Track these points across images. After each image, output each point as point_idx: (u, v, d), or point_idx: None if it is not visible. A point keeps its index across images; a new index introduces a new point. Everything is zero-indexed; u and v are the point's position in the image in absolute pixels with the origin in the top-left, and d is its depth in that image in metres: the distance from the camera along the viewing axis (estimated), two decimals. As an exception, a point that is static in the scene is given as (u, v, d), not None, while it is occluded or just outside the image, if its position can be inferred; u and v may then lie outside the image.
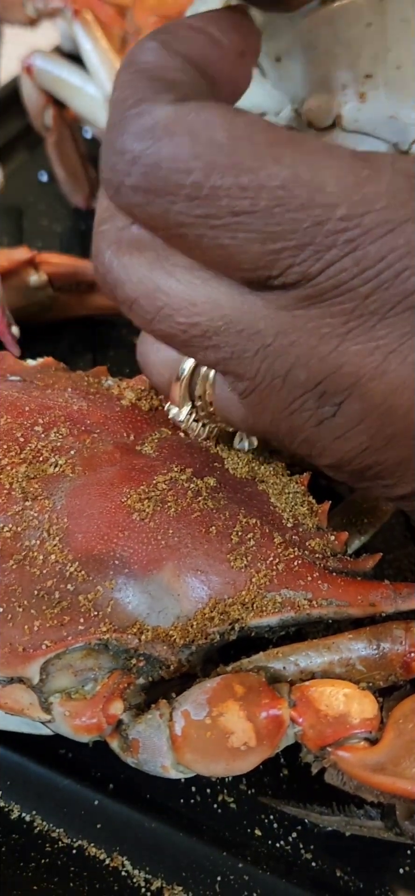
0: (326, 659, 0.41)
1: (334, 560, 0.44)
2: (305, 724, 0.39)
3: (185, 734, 0.39)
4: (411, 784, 0.38)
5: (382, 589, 0.42)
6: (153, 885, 0.43)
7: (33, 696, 0.40)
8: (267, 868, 0.43)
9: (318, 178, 0.33)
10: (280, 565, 0.42)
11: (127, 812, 0.44)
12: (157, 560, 0.41)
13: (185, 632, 0.41)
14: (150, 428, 0.48)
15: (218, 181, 0.34)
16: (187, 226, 0.35)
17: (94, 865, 0.43)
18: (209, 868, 0.43)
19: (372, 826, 0.42)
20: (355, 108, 0.44)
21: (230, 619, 0.41)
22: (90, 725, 0.40)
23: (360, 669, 0.41)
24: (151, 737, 0.40)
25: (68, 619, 0.40)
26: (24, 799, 0.45)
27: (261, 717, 0.39)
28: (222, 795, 0.46)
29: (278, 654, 0.41)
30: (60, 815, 0.44)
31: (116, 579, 0.41)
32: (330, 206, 0.33)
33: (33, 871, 0.42)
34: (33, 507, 0.42)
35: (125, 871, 0.43)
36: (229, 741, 0.38)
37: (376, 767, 0.38)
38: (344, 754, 0.39)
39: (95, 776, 0.45)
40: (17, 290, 0.63)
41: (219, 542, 0.42)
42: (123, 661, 0.41)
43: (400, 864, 0.44)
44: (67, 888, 0.42)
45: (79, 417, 0.47)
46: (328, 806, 0.43)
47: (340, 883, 0.43)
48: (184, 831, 0.44)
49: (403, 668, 0.41)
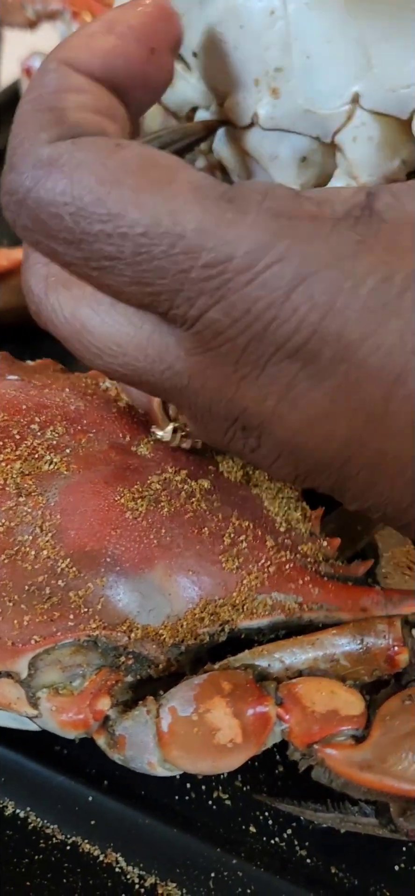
0: (310, 655, 0.41)
1: (325, 565, 0.44)
2: (291, 721, 0.39)
3: (171, 731, 0.39)
4: (397, 781, 0.38)
5: (372, 594, 0.43)
6: (147, 881, 0.43)
7: (21, 690, 0.41)
8: (261, 865, 0.43)
9: (179, 226, 0.32)
10: (272, 568, 0.42)
11: (121, 808, 0.44)
12: (148, 559, 0.42)
13: (174, 631, 0.41)
14: (145, 429, 0.48)
15: (86, 227, 0.33)
16: (75, 266, 0.35)
17: (88, 862, 0.43)
18: (203, 864, 0.43)
19: (367, 823, 0.41)
20: (271, 105, 0.42)
21: (220, 620, 0.41)
22: (76, 721, 0.40)
23: (344, 665, 0.41)
24: (138, 733, 0.40)
25: (58, 615, 0.40)
26: (18, 795, 0.45)
27: (247, 714, 0.39)
28: (217, 792, 0.46)
29: (264, 652, 0.41)
30: (55, 811, 0.44)
31: (107, 577, 0.41)
32: (192, 253, 0.32)
33: (27, 868, 0.43)
34: (27, 503, 0.43)
35: (119, 867, 0.43)
36: (216, 738, 0.39)
37: (362, 765, 0.38)
38: (331, 751, 0.39)
39: (90, 773, 0.45)
40: (16, 290, 0.63)
41: (211, 543, 0.42)
42: (112, 659, 0.41)
43: (395, 861, 0.44)
44: (61, 884, 0.42)
45: (75, 417, 0.47)
46: (323, 803, 0.43)
47: (334, 880, 0.43)
48: (178, 828, 0.44)
49: (387, 662, 0.41)
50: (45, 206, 0.34)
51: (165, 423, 0.42)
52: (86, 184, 0.33)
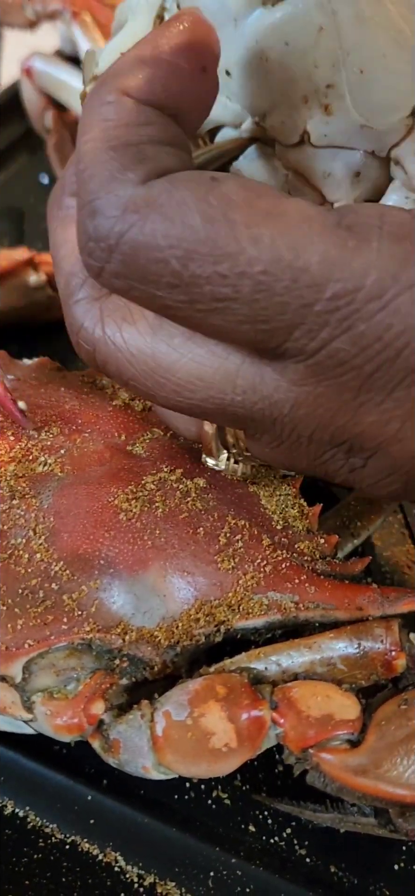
0: (307, 658, 0.41)
1: (322, 563, 0.44)
2: (286, 725, 0.39)
3: (166, 735, 0.39)
4: (391, 787, 0.37)
5: (369, 593, 0.42)
6: (146, 880, 0.43)
7: (15, 694, 0.41)
8: (261, 864, 0.43)
9: (301, 259, 0.31)
10: (268, 567, 0.42)
11: (120, 808, 0.44)
12: (143, 560, 0.41)
13: (170, 633, 0.41)
14: (141, 428, 0.48)
15: (197, 270, 0.32)
16: (174, 309, 0.33)
17: (87, 861, 0.43)
18: (202, 864, 0.43)
19: (366, 823, 0.41)
20: (322, 122, 0.40)
21: (216, 621, 0.41)
22: (71, 725, 0.40)
23: (341, 669, 0.40)
24: (132, 737, 0.40)
25: (52, 619, 0.40)
26: (17, 795, 0.45)
27: (242, 719, 0.39)
28: (217, 791, 0.46)
29: (260, 655, 0.41)
30: (54, 810, 0.45)
31: (101, 579, 0.41)
32: (317, 286, 0.31)
33: (26, 866, 0.43)
34: (20, 506, 0.43)
35: (118, 866, 0.43)
36: (210, 742, 0.38)
37: (357, 770, 0.38)
38: (326, 756, 0.39)
39: (89, 772, 0.45)
40: (16, 289, 0.63)
41: (206, 543, 0.42)
42: (107, 662, 0.41)
43: (394, 861, 0.44)
44: (60, 883, 0.42)
45: (70, 417, 0.47)
46: (322, 803, 0.43)
47: (334, 879, 0.43)
48: (177, 827, 0.44)
49: (384, 666, 0.40)
50: (145, 250, 0.32)
51: (219, 451, 0.41)
52: (191, 224, 0.32)
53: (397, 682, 0.41)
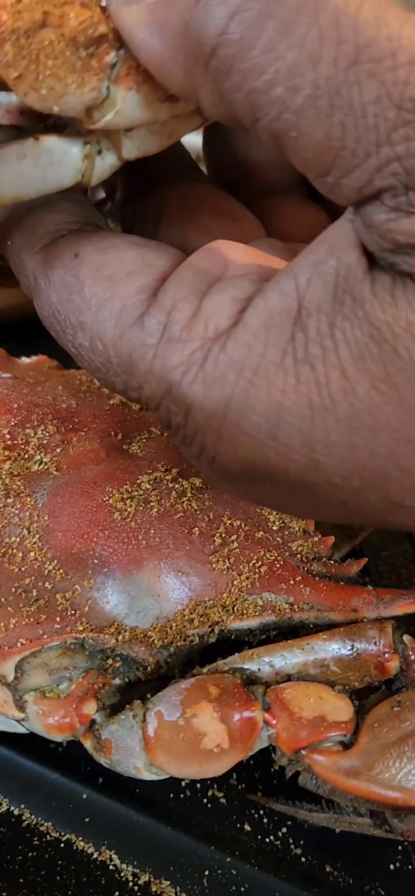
0: (300, 659, 0.40)
1: (318, 564, 0.44)
2: (278, 726, 0.39)
3: (158, 735, 0.39)
4: (383, 789, 0.37)
5: (364, 594, 0.42)
6: (141, 879, 0.43)
7: (8, 693, 0.41)
8: (256, 863, 0.43)
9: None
10: (263, 568, 0.42)
11: (115, 806, 0.44)
12: (137, 560, 0.41)
13: (163, 633, 0.41)
14: (138, 427, 0.48)
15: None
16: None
17: (81, 859, 0.43)
18: (197, 863, 0.43)
19: (362, 823, 0.41)
20: None
21: (210, 622, 0.41)
22: (63, 725, 0.40)
23: (334, 670, 0.40)
24: (124, 737, 0.40)
25: (45, 618, 0.40)
26: (12, 793, 0.45)
27: (234, 720, 0.39)
28: (212, 790, 0.46)
29: (253, 656, 0.41)
30: (49, 808, 0.45)
31: (95, 578, 0.41)
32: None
33: (20, 865, 0.43)
34: (15, 504, 0.43)
35: (113, 864, 0.43)
36: (202, 743, 0.38)
37: (349, 772, 0.38)
38: (318, 758, 0.39)
39: (84, 770, 0.45)
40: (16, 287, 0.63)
41: (202, 543, 0.42)
42: (100, 661, 0.41)
43: (390, 861, 0.44)
44: (55, 882, 0.42)
45: (67, 415, 0.47)
46: (318, 802, 0.43)
47: (329, 879, 0.43)
48: (172, 825, 0.44)
49: (377, 668, 0.40)
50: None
51: None
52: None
53: (391, 684, 0.41)
